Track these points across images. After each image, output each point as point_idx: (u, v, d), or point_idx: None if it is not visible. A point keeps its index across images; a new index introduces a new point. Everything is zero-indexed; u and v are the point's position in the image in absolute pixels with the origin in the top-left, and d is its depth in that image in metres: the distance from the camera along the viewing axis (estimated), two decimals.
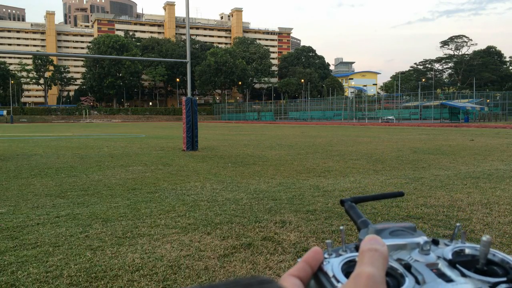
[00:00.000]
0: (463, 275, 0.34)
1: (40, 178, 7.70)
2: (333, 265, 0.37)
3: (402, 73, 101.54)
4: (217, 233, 4.12)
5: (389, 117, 59.15)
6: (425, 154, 11.67)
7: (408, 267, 0.36)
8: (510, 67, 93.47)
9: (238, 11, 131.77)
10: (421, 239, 0.39)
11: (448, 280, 0.34)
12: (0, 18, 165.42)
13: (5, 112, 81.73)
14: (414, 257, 0.37)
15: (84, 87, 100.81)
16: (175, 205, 5.37)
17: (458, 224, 0.44)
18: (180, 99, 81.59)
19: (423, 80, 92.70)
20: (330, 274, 0.36)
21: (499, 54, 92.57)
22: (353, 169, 8.65)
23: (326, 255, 0.39)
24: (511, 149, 12.80)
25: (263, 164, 9.72)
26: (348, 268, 0.36)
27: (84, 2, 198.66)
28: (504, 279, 0.34)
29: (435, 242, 0.41)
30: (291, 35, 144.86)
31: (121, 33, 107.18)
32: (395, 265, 0.36)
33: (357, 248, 0.40)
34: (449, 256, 0.37)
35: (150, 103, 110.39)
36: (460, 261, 0.37)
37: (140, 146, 15.76)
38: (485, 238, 0.37)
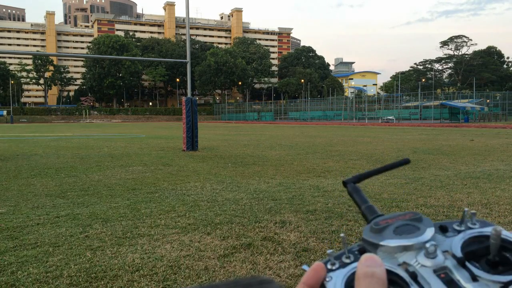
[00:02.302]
0: (473, 277, 0.33)
1: (40, 178, 7.70)
2: (336, 283, 0.35)
3: (402, 73, 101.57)
4: (217, 233, 4.12)
5: (389, 117, 59.16)
6: (425, 154, 11.67)
7: (414, 276, 0.34)
8: (511, 68, 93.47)
9: (238, 11, 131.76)
10: (428, 235, 0.37)
11: None
12: (0, 18, 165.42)
13: (5, 112, 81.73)
14: (420, 261, 0.35)
15: (84, 87, 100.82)
16: (175, 205, 5.37)
17: (466, 209, 0.41)
18: (180, 99, 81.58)
19: (423, 80, 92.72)
20: None
21: (499, 54, 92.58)
22: (353, 169, 8.65)
23: (329, 266, 0.37)
24: (511, 149, 12.80)
25: (263, 164, 9.72)
26: (353, 281, 0.35)
27: (84, 2, 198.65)
28: None
29: (443, 230, 0.39)
30: (291, 35, 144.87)
31: (121, 33, 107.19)
32: (402, 273, 0.34)
33: (361, 252, 0.39)
34: (459, 253, 0.36)
35: (150, 103, 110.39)
36: (471, 253, 0.36)
37: (140, 146, 15.76)
38: (494, 231, 0.35)
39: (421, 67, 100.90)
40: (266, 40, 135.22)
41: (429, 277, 0.34)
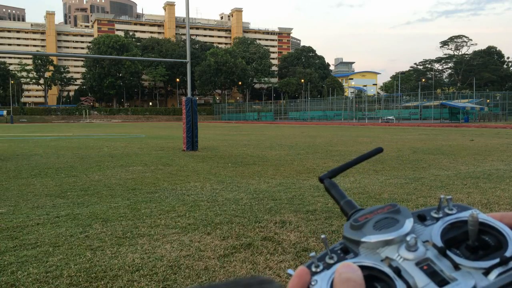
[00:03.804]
0: (455, 265, 0.34)
1: (40, 178, 7.70)
2: (322, 286, 0.34)
3: (402, 73, 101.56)
4: (217, 233, 4.12)
5: (389, 117, 59.14)
6: (425, 154, 11.67)
7: (398, 271, 0.34)
8: (511, 68, 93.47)
9: (238, 11, 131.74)
10: (407, 226, 0.37)
11: (441, 280, 0.33)
12: (0, 18, 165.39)
13: (5, 112, 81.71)
14: (402, 255, 0.35)
15: (84, 87, 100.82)
16: (175, 205, 5.37)
17: (442, 195, 0.41)
18: (180, 99, 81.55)
19: (423, 80, 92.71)
20: None
21: (499, 54, 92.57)
22: (353, 169, 8.64)
23: (313, 268, 0.37)
24: (511, 149, 12.80)
25: (263, 164, 9.72)
26: None
27: (84, 2, 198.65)
28: (497, 260, 0.33)
29: (422, 218, 0.39)
30: (291, 35, 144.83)
31: (121, 33, 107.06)
32: (385, 269, 0.34)
33: (344, 250, 0.39)
34: (439, 243, 0.36)
35: (150, 103, 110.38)
36: (451, 239, 0.36)
37: (140, 146, 15.76)
38: (471, 217, 0.35)
39: (421, 67, 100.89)
40: (266, 40, 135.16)
41: (412, 270, 0.34)
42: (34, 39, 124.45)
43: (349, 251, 0.38)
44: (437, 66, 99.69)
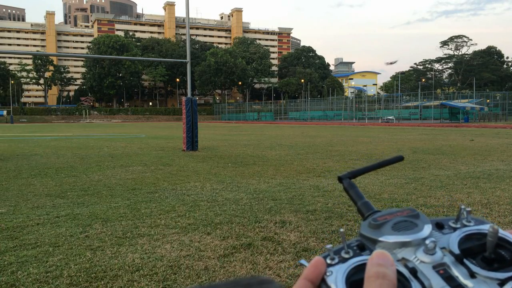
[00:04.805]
0: (471, 273, 0.34)
1: (40, 178, 7.70)
2: (337, 277, 0.35)
3: (402, 73, 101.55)
4: (217, 233, 4.12)
5: (389, 117, 59.14)
6: (425, 154, 11.67)
7: (414, 272, 0.35)
8: (511, 67, 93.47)
9: (238, 11, 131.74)
10: (426, 231, 0.38)
11: (456, 286, 0.33)
12: (0, 18, 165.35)
13: (5, 112, 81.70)
14: (419, 257, 0.36)
15: (84, 87, 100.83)
16: (175, 205, 5.37)
17: (462, 206, 0.41)
18: (180, 99, 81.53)
19: (423, 80, 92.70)
20: None
21: (499, 54, 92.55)
22: (353, 169, 8.64)
23: (328, 260, 0.37)
24: (511, 149, 12.80)
25: (263, 164, 9.72)
26: (354, 276, 0.35)
27: (84, 2, 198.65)
28: None
29: (440, 227, 0.40)
30: (291, 35, 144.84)
31: (121, 33, 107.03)
32: (401, 269, 0.35)
33: (360, 247, 0.39)
34: (456, 250, 0.36)
35: (150, 103, 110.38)
36: (467, 249, 0.37)
37: (140, 146, 15.76)
38: (492, 229, 0.36)
39: (421, 67, 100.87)
40: (266, 40, 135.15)
41: (429, 273, 0.34)
42: (34, 39, 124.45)
43: (365, 248, 0.39)
44: (437, 66, 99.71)
